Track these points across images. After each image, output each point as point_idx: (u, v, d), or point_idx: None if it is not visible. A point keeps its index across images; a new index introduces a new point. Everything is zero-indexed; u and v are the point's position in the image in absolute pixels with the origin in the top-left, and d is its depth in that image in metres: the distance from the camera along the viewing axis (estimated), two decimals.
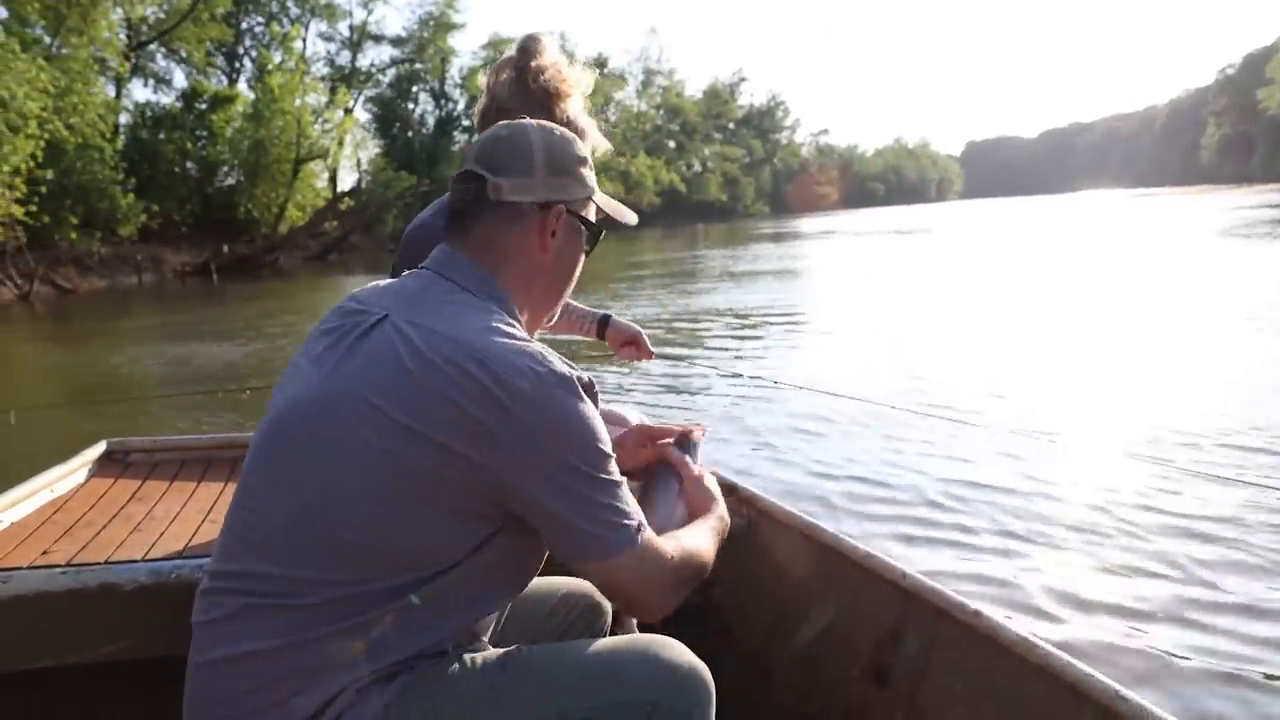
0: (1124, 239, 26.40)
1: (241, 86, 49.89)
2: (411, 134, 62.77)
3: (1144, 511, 4.20)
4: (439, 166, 55.78)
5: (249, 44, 53.90)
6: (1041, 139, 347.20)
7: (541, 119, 1.52)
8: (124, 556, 2.14)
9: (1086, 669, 1.53)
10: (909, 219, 58.56)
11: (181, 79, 48.90)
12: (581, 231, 1.49)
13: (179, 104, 44.87)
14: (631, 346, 2.82)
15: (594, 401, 1.31)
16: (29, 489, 2.53)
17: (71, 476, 2.81)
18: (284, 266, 38.05)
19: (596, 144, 2.15)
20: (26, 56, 28.06)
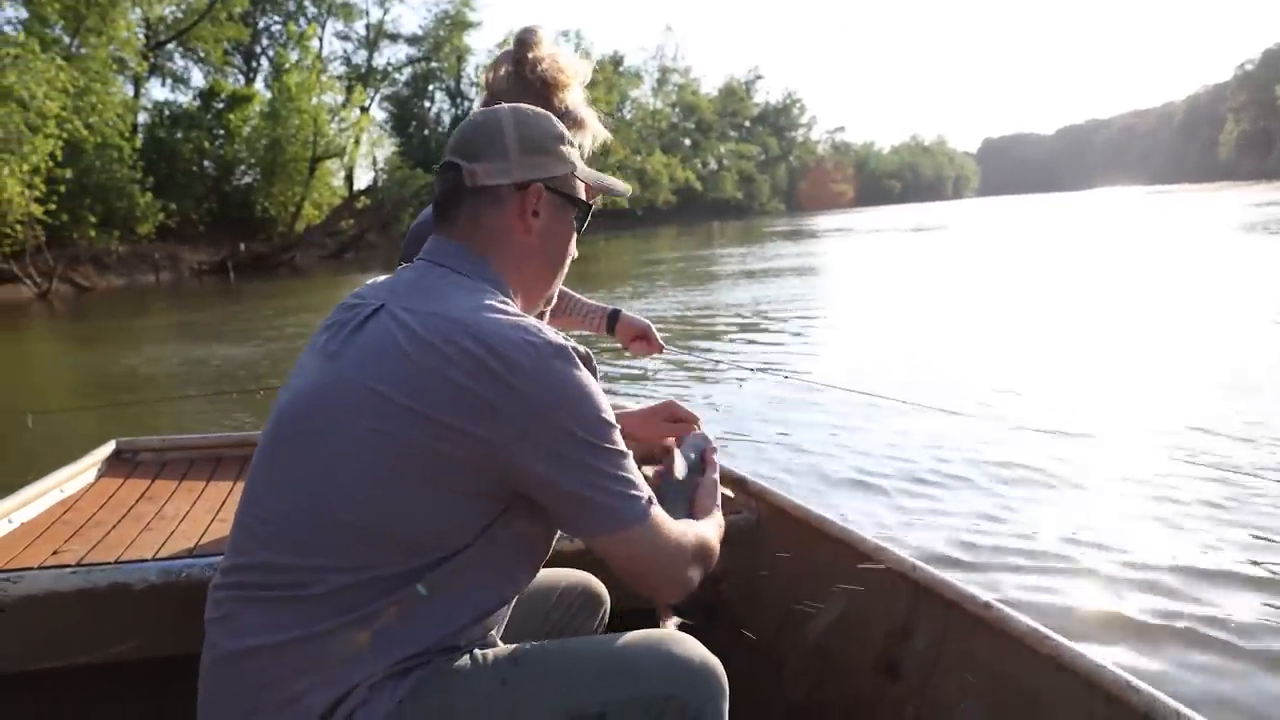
0: (1142, 235, 26.23)
1: (259, 85, 50.30)
2: (428, 132, 63.02)
3: (1162, 507, 4.16)
4: None
5: (266, 43, 54.29)
6: (1058, 136, 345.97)
7: (538, 106, 1.51)
8: (134, 556, 2.14)
9: (1097, 660, 1.52)
10: (925, 216, 58.37)
11: (199, 78, 49.24)
12: (568, 208, 1.47)
13: (196, 103, 45.26)
14: (642, 341, 2.83)
15: (592, 373, 1.30)
16: (39, 489, 2.54)
17: (81, 476, 2.81)
18: (300, 265, 38.22)
19: (597, 134, 2.15)
20: (46, 56, 28.29)
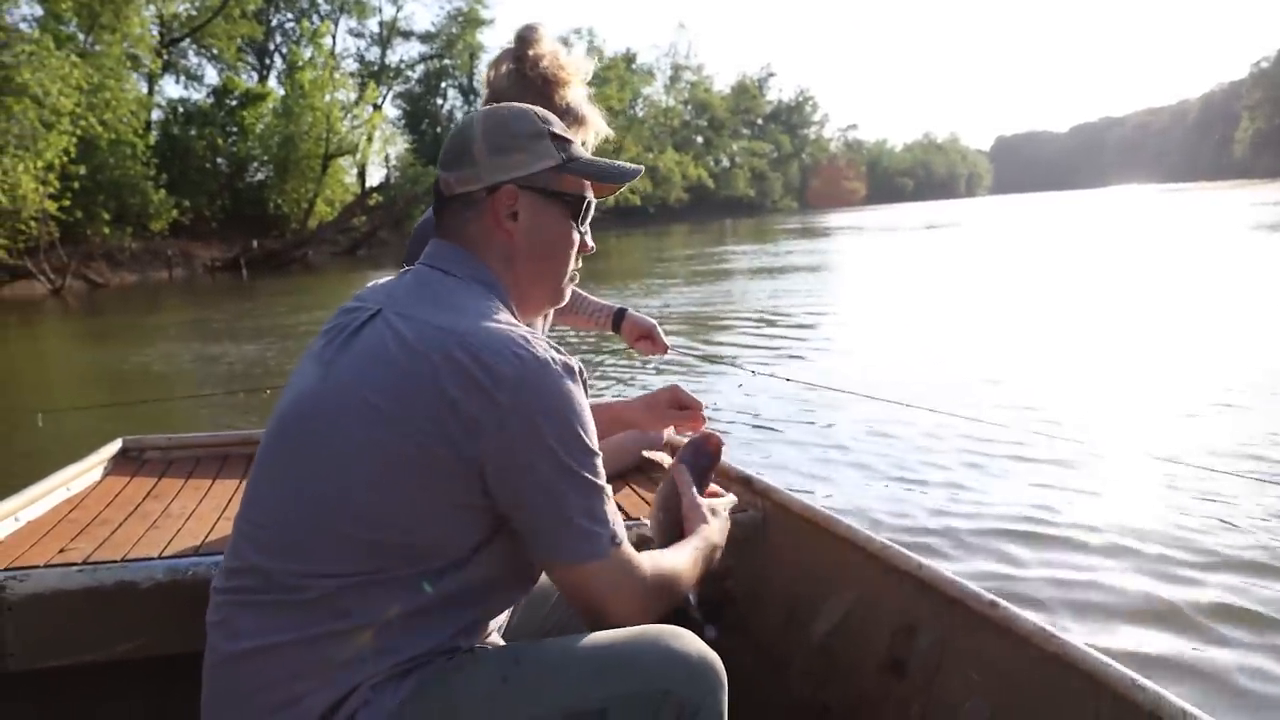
0: (1156, 234, 26.08)
1: (272, 83, 50.45)
2: (440, 129, 63.06)
3: (1174, 513, 4.13)
4: None
5: (279, 40, 54.58)
6: (1072, 133, 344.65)
7: (538, 105, 1.50)
8: (140, 554, 2.13)
9: (1103, 658, 1.51)
10: (938, 214, 58.16)
11: (213, 75, 49.49)
12: (553, 204, 1.43)
13: (210, 100, 45.44)
14: (647, 340, 2.83)
15: (583, 388, 1.30)
16: (45, 487, 2.53)
17: (87, 474, 2.80)
18: (313, 262, 38.31)
19: (600, 130, 2.17)
20: (60, 53, 28.41)
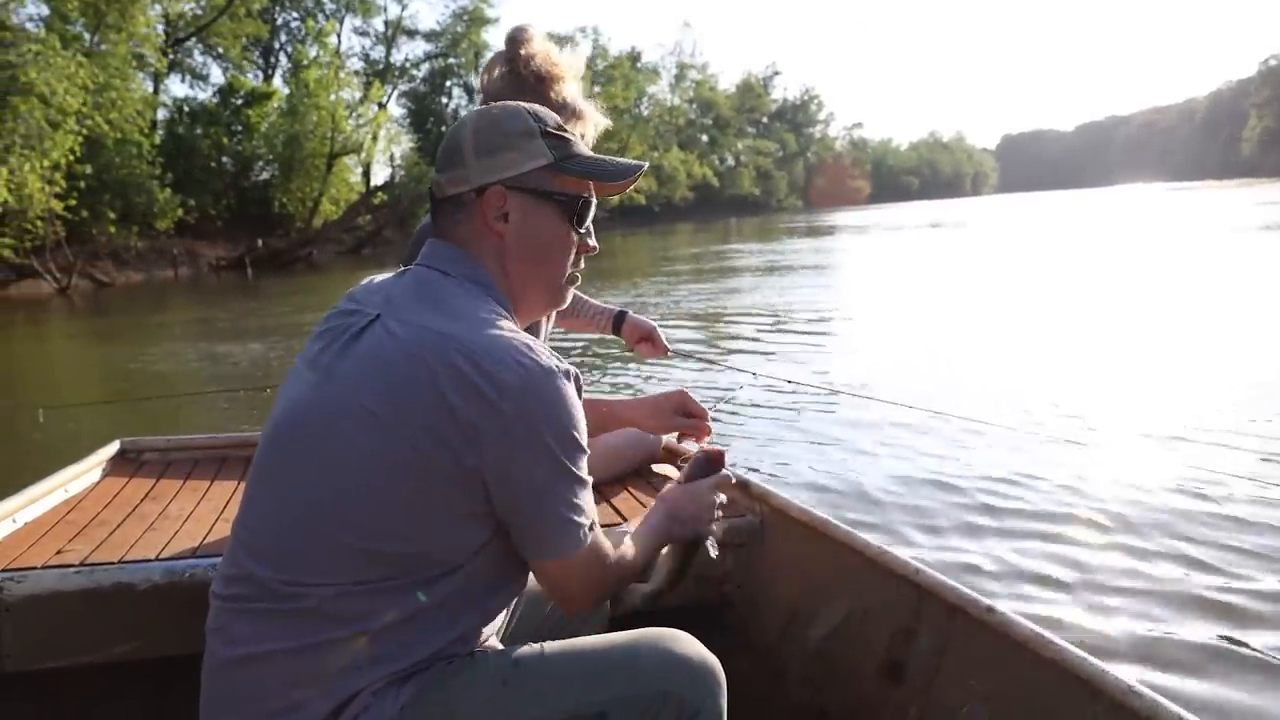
0: (1162, 233, 26.01)
1: (277, 82, 50.42)
2: (445, 128, 62.64)
3: (1178, 513, 4.12)
4: None
5: (284, 39, 54.45)
6: (1078, 132, 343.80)
7: (534, 103, 1.50)
8: (138, 556, 2.14)
9: (1100, 664, 1.52)
10: (943, 213, 58.02)
11: (218, 75, 49.42)
12: (544, 204, 1.41)
13: (215, 99, 45.41)
14: (647, 342, 2.83)
15: (579, 394, 1.31)
16: (43, 488, 2.53)
17: (86, 476, 2.81)
18: (318, 261, 38.32)
19: (598, 123, 2.17)
20: (67, 53, 28.45)
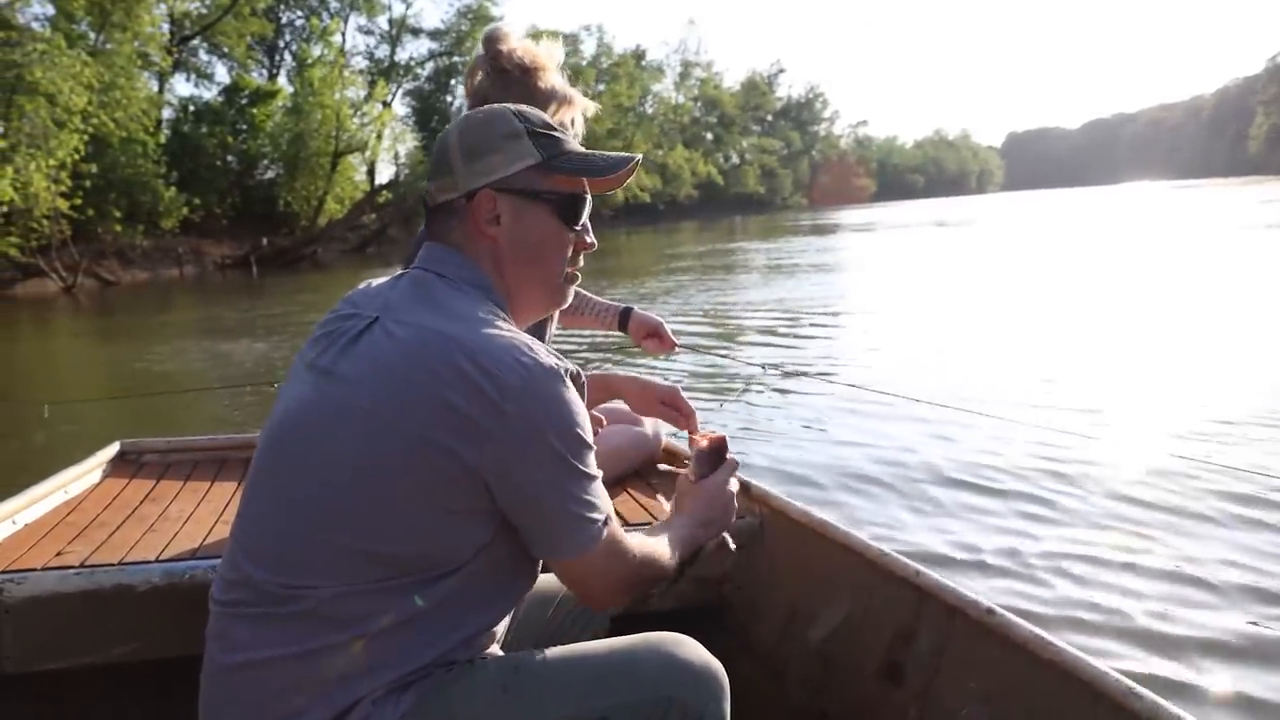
0: (1171, 232, 25.97)
1: (281, 80, 50.50)
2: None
3: (1172, 508, 4.12)
4: None
5: (289, 38, 54.46)
6: (1084, 130, 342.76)
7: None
8: (138, 557, 2.14)
9: (1100, 666, 1.52)
10: (948, 212, 57.92)
11: (223, 73, 49.41)
12: (535, 204, 1.40)
13: (220, 98, 45.47)
14: (654, 338, 2.84)
15: (581, 393, 1.30)
16: (43, 490, 2.54)
17: (85, 477, 2.81)
18: (322, 259, 38.39)
19: (586, 108, 2.17)
20: (72, 52, 28.50)
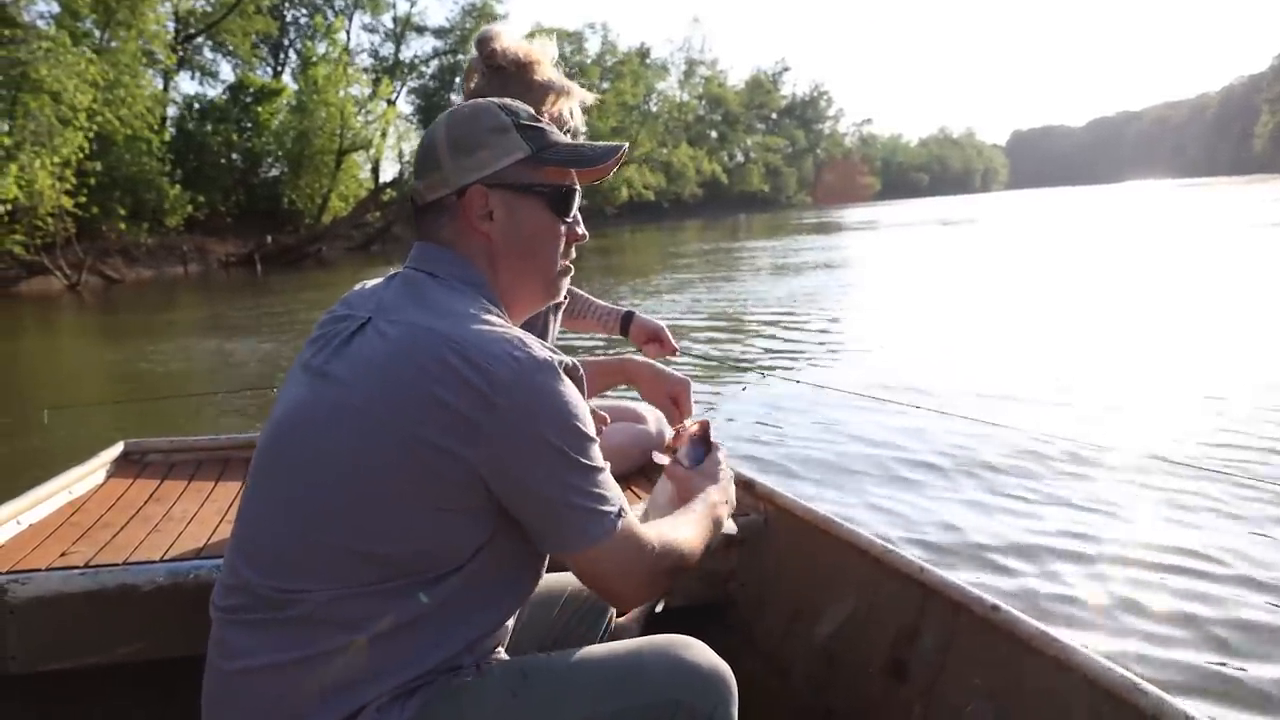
0: (1177, 230, 25.86)
1: (286, 78, 50.53)
2: None
3: (1174, 508, 4.11)
4: None
5: (293, 36, 54.59)
6: (1089, 128, 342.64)
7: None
8: (142, 557, 2.14)
9: (1105, 662, 1.52)
10: (953, 210, 57.83)
11: (228, 71, 49.51)
12: (528, 198, 1.39)
13: (225, 96, 45.56)
14: (655, 343, 2.84)
15: (579, 386, 1.29)
16: (47, 490, 2.54)
17: (89, 478, 2.81)
18: (327, 257, 38.37)
19: (584, 98, 2.18)
20: (77, 50, 28.55)
